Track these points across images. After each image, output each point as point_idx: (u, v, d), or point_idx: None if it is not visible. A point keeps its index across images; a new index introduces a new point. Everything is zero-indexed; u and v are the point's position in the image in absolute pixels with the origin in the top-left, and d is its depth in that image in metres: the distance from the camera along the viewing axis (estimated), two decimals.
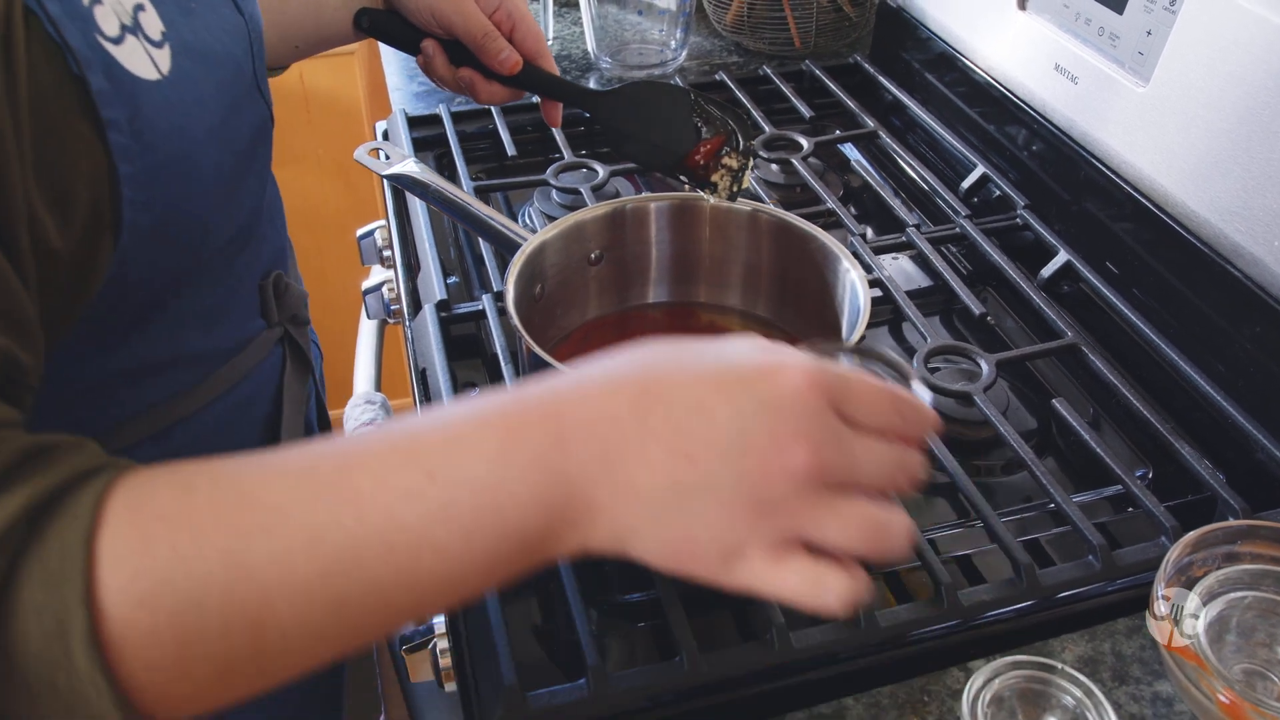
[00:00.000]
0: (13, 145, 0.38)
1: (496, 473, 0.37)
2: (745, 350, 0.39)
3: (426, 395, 0.79)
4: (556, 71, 0.76)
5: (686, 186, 0.72)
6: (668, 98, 0.71)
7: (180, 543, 0.35)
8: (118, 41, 0.43)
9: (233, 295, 0.61)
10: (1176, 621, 0.56)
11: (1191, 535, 0.59)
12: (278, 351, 0.67)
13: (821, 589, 0.38)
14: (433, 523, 0.36)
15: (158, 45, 0.46)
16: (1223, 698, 0.52)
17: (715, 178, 0.70)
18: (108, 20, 0.43)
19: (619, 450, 0.37)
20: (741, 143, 0.69)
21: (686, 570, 0.39)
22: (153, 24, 0.46)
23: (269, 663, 0.37)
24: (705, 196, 0.70)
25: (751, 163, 0.70)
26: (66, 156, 0.41)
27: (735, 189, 0.70)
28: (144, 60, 0.45)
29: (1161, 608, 0.56)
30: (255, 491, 0.36)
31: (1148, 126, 0.80)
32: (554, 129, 1.04)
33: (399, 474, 0.36)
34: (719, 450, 0.37)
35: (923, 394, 0.44)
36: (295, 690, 0.79)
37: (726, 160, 0.69)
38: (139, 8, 0.45)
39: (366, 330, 1.07)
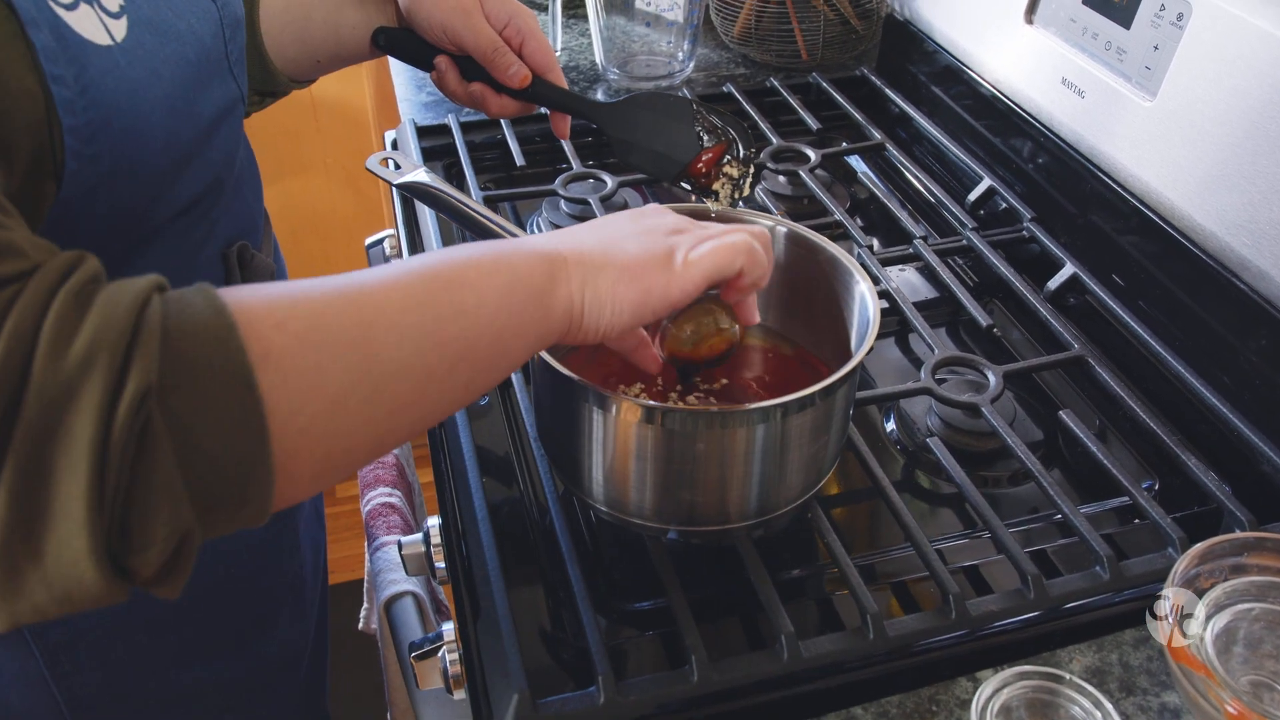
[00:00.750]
0: None
1: (518, 261, 0.51)
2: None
3: None
4: (565, 85, 0.77)
5: (697, 196, 0.72)
6: (671, 108, 0.73)
7: (296, 294, 0.43)
8: (71, 8, 0.48)
9: (192, 261, 0.63)
10: (1179, 622, 0.56)
11: (1198, 547, 0.59)
12: None
13: (727, 251, 0.56)
14: (483, 292, 0.49)
15: (115, 16, 0.51)
16: (1230, 708, 0.52)
17: (717, 186, 0.71)
18: None
19: (572, 238, 0.55)
20: (742, 151, 0.70)
21: (641, 294, 0.54)
22: None
23: (372, 394, 0.44)
24: (709, 205, 0.71)
25: (752, 170, 0.71)
26: (10, 105, 0.45)
27: (737, 196, 0.71)
28: (96, 26, 0.49)
29: (1163, 606, 0.56)
30: (352, 276, 0.46)
31: (1154, 140, 0.81)
32: (563, 140, 1.05)
33: (478, 260, 0.50)
34: (624, 224, 0.58)
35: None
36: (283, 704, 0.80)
37: (728, 169, 0.70)
38: None
39: None
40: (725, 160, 0.70)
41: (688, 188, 0.72)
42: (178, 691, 0.73)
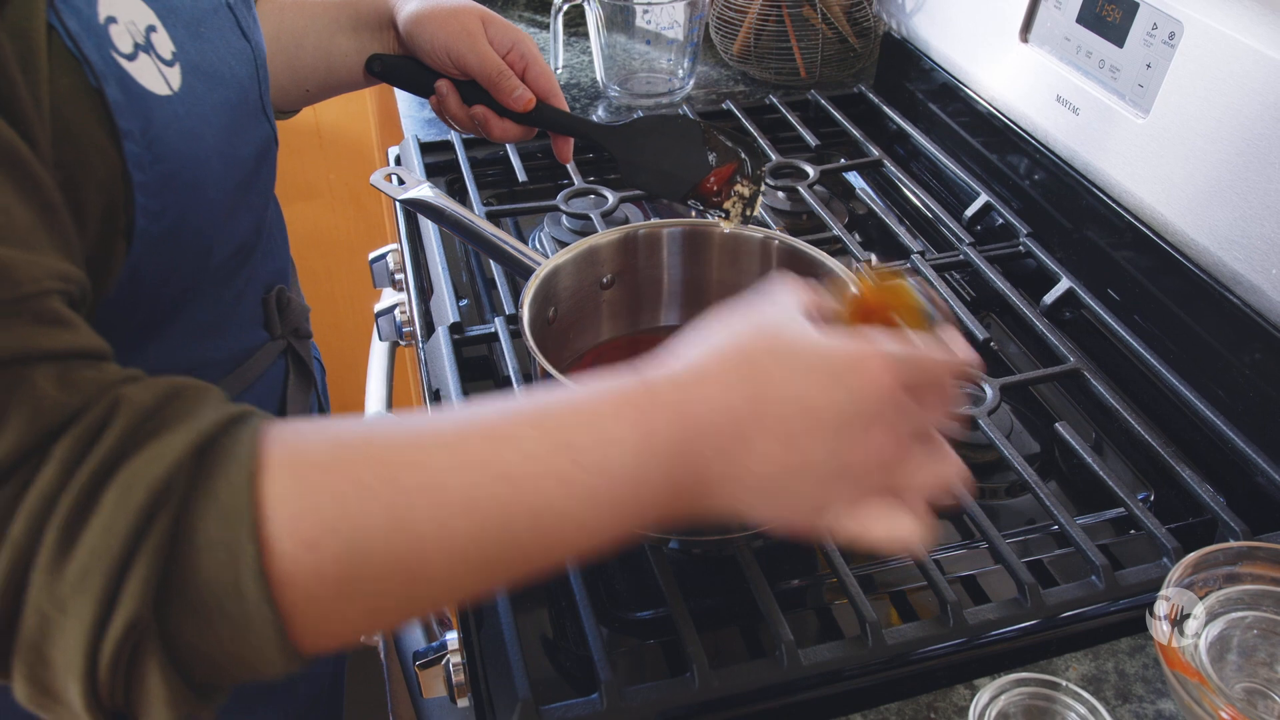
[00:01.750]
0: (47, 150, 0.41)
1: (636, 463, 0.41)
2: (834, 343, 0.44)
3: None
4: (567, 109, 0.78)
5: (705, 214, 0.73)
6: (678, 129, 0.73)
7: (344, 493, 0.38)
8: (131, 58, 0.46)
9: (236, 307, 0.63)
10: (1177, 624, 0.57)
11: (1193, 556, 0.60)
12: (281, 363, 0.69)
13: (897, 528, 0.45)
14: (575, 503, 0.41)
15: (169, 64, 0.49)
16: (1224, 715, 0.53)
17: (728, 204, 0.72)
18: (122, 38, 0.46)
19: (736, 443, 0.42)
20: (752, 170, 0.71)
21: (782, 524, 0.46)
22: (164, 44, 0.49)
23: (415, 605, 0.42)
24: (720, 223, 0.72)
25: (762, 189, 0.72)
26: (82, 162, 0.44)
27: (748, 214, 0.72)
28: (156, 76, 0.48)
29: (1162, 608, 0.57)
30: (413, 455, 0.40)
31: (1148, 157, 0.82)
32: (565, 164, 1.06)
33: (548, 456, 0.41)
34: (819, 440, 0.43)
35: (955, 340, 0.48)
36: (297, 703, 0.80)
37: (739, 188, 0.71)
38: (151, 28, 0.49)
39: (378, 352, 1.08)
40: (735, 179, 0.71)
41: (698, 207, 0.73)
42: None
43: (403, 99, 1.26)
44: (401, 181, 0.80)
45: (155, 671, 0.36)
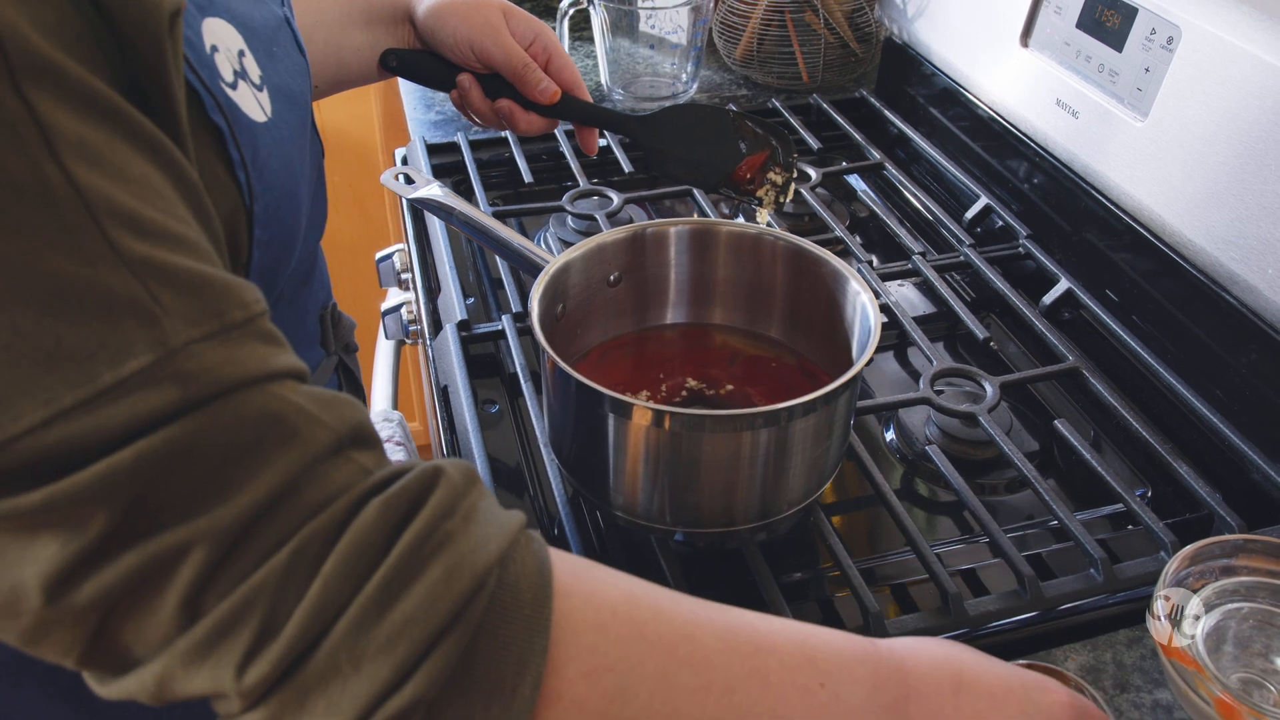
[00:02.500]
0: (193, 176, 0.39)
1: (866, 702, 0.45)
2: (1029, 674, 0.49)
3: (448, 411, 0.81)
4: (590, 100, 0.78)
5: (741, 201, 0.74)
6: (708, 118, 0.74)
7: (629, 643, 0.40)
8: (233, 86, 0.45)
9: (299, 327, 0.63)
10: (1176, 623, 0.58)
11: (1189, 548, 0.61)
12: (334, 379, 0.69)
13: None
14: (807, 714, 0.43)
15: (259, 89, 0.48)
16: (1222, 700, 0.54)
17: (761, 192, 0.73)
18: (224, 67, 0.45)
19: (938, 717, 0.46)
20: (783, 157, 0.72)
21: None
22: (253, 69, 0.48)
23: None
24: (757, 211, 0.73)
25: (795, 174, 0.72)
26: (210, 194, 0.42)
27: (782, 200, 0.73)
28: (253, 103, 0.47)
29: (1161, 607, 0.58)
30: (693, 631, 0.42)
31: (1146, 160, 0.83)
32: (569, 156, 1.08)
33: (801, 671, 0.44)
34: None
35: None
36: None
37: (772, 175, 0.72)
38: (242, 53, 0.47)
39: (384, 350, 1.10)
40: (768, 166, 0.72)
41: (731, 194, 0.74)
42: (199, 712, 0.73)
43: (408, 101, 1.27)
44: (410, 180, 0.81)
45: None
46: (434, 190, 0.79)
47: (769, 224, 0.74)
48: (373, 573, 0.35)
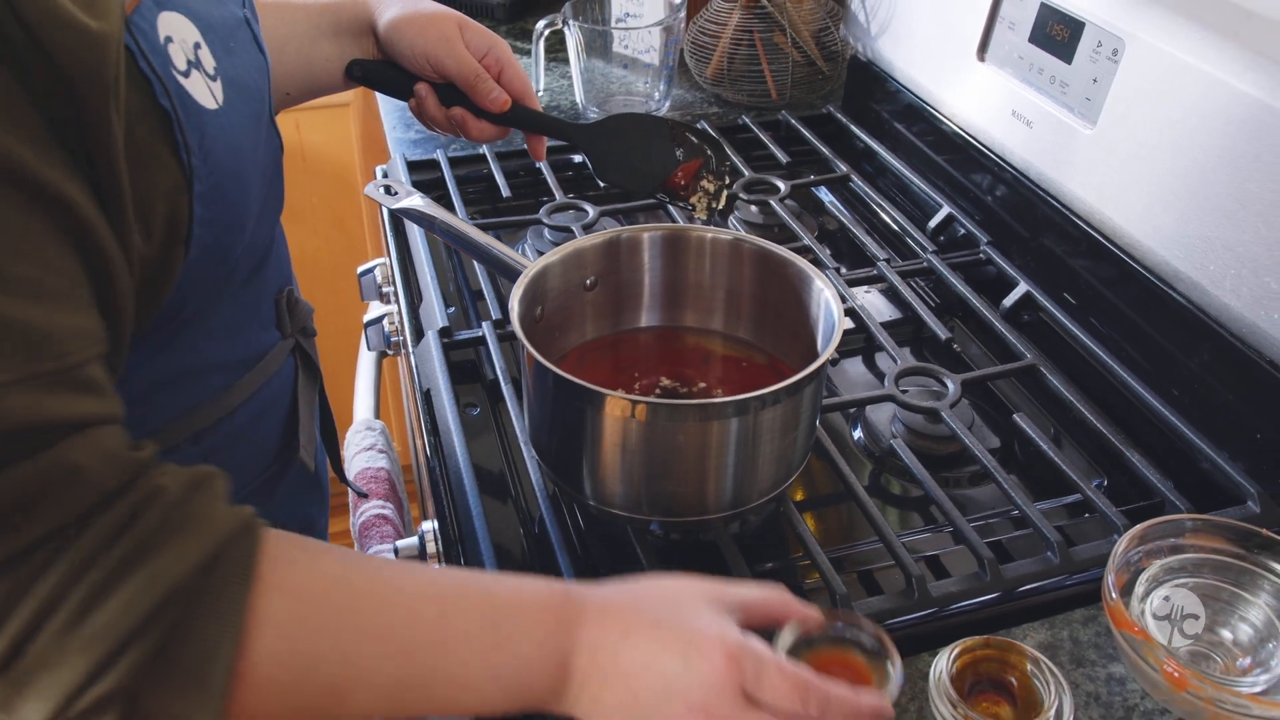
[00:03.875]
0: (121, 163, 0.44)
1: (535, 656, 0.50)
2: (704, 624, 0.51)
3: (431, 415, 0.84)
4: (541, 109, 0.82)
5: (676, 207, 0.77)
6: (646, 126, 0.78)
7: (318, 629, 0.46)
8: (186, 75, 0.50)
9: (255, 309, 0.67)
10: (1127, 606, 0.61)
11: (1138, 528, 0.65)
12: (291, 361, 0.72)
13: None
14: (484, 677, 0.49)
15: (213, 79, 0.53)
16: (1169, 668, 0.57)
17: (694, 199, 0.76)
18: (178, 56, 0.49)
19: (600, 675, 0.50)
20: (716, 165, 0.75)
21: None
22: (208, 60, 0.53)
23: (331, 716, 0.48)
24: (694, 215, 0.77)
25: (727, 182, 0.76)
26: (149, 175, 0.47)
27: (714, 207, 0.76)
28: (205, 92, 0.51)
29: (1113, 593, 0.61)
30: (381, 606, 0.48)
31: (1096, 166, 0.87)
32: (546, 171, 1.11)
33: (480, 636, 0.49)
34: (653, 697, 0.49)
35: (895, 676, 0.53)
36: None
37: (704, 183, 0.75)
38: (198, 45, 0.52)
39: (366, 362, 1.12)
40: (701, 174, 0.76)
41: (666, 199, 0.77)
42: None
43: (388, 120, 1.30)
44: (394, 192, 0.83)
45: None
46: (415, 200, 0.82)
47: (706, 222, 0.77)
48: (80, 583, 0.41)
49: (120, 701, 0.41)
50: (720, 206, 0.76)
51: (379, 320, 1.10)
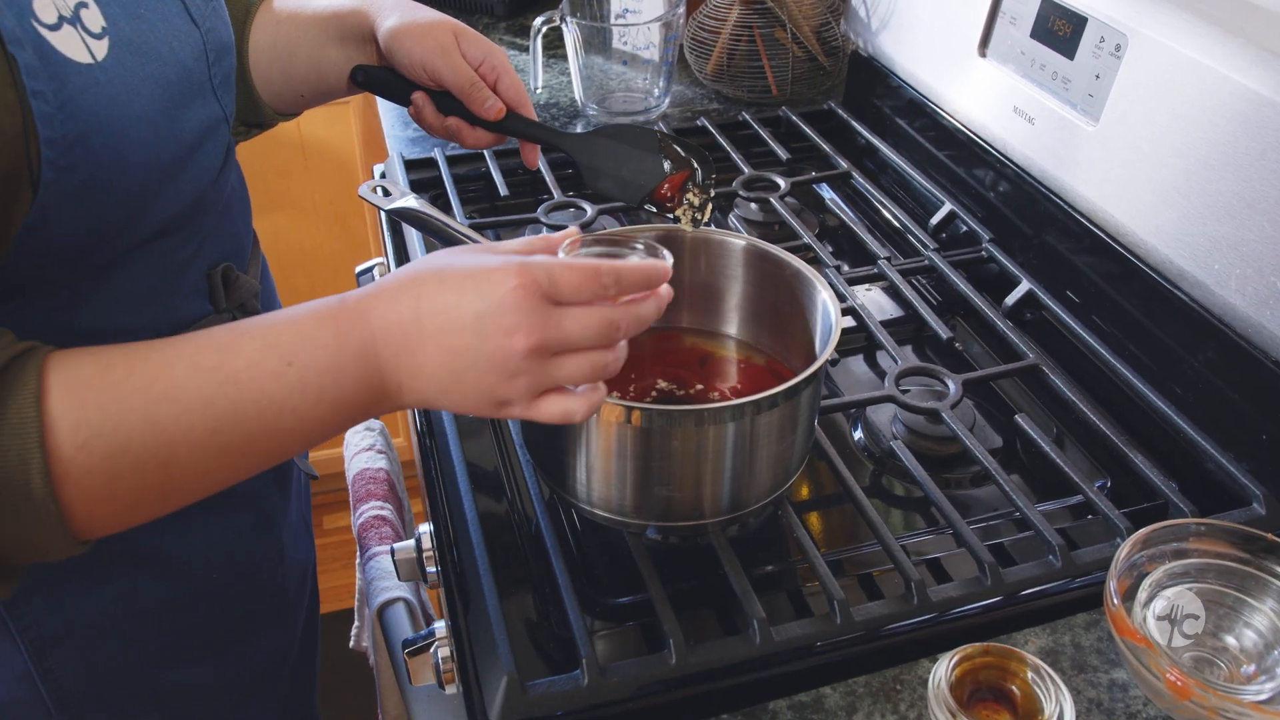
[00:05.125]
0: None
1: (334, 362, 0.52)
2: (477, 260, 0.54)
3: (428, 418, 0.83)
4: (535, 118, 0.82)
5: (663, 218, 0.78)
6: (637, 138, 0.78)
7: (107, 406, 0.49)
8: (54, 28, 0.52)
9: (178, 279, 0.67)
10: (1129, 611, 0.61)
11: (1141, 532, 0.64)
12: None
13: (569, 413, 0.55)
14: (289, 394, 0.52)
15: (96, 37, 0.54)
16: (1171, 677, 0.57)
17: (679, 211, 0.76)
18: (46, 10, 0.51)
19: (409, 347, 0.53)
20: (702, 179, 0.75)
21: (472, 412, 0.55)
22: (94, 19, 0.55)
23: (172, 494, 0.52)
24: (680, 228, 0.76)
25: (712, 195, 0.76)
26: None
27: (698, 219, 0.76)
28: (78, 46, 0.53)
29: (1115, 599, 0.61)
30: (161, 369, 0.51)
31: (1098, 163, 0.86)
32: (544, 170, 1.10)
33: (265, 360, 0.52)
34: (469, 342, 0.52)
35: (649, 259, 0.59)
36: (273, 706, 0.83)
37: (689, 196, 0.76)
38: (81, 5, 0.54)
39: None
40: (687, 187, 0.76)
41: (653, 210, 0.77)
42: (160, 693, 0.75)
43: (386, 118, 1.30)
44: (388, 193, 0.83)
45: None
46: (410, 202, 0.81)
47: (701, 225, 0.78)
48: None
49: None
50: (705, 219, 0.77)
51: None
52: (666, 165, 0.76)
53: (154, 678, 0.75)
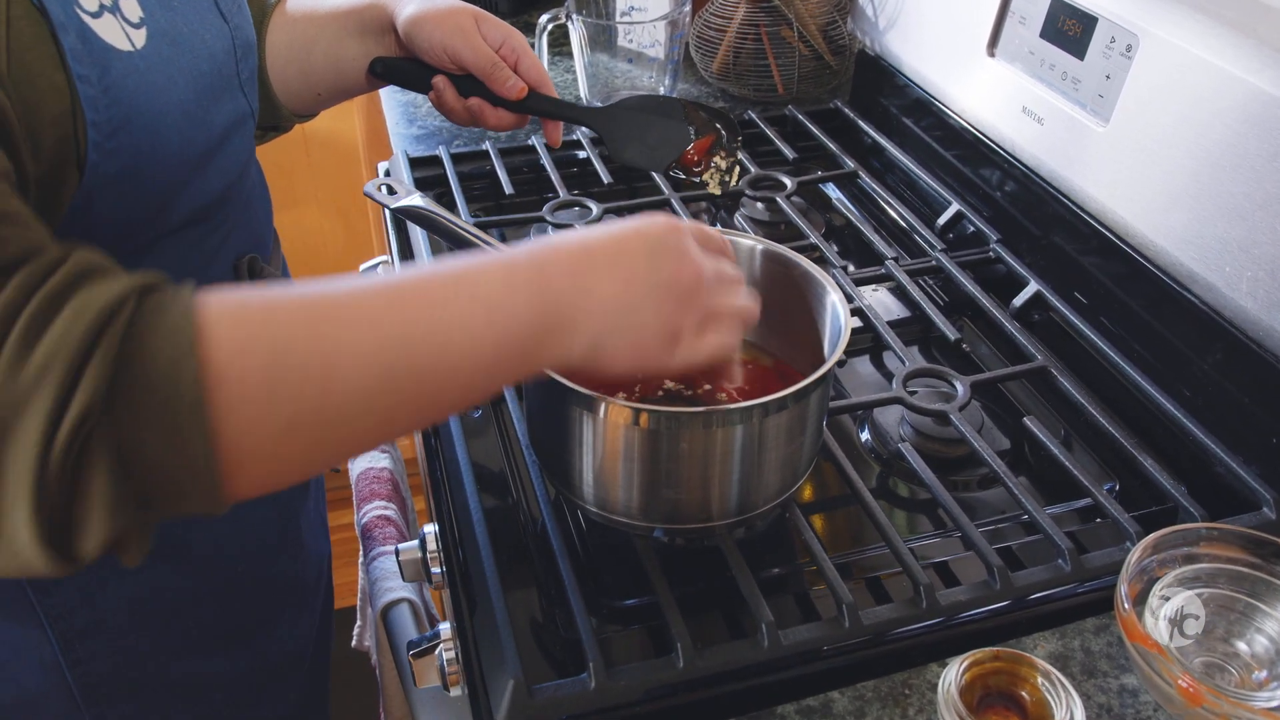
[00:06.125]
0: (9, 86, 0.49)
1: (504, 287, 0.50)
2: (631, 220, 0.56)
3: None
4: (557, 96, 0.83)
5: (690, 181, 0.79)
6: (660, 106, 0.79)
7: (272, 314, 0.45)
8: (96, 15, 0.53)
9: (206, 269, 0.68)
10: (1140, 609, 0.60)
11: (1152, 537, 0.63)
12: None
13: (727, 345, 0.58)
14: (460, 315, 0.48)
15: (135, 26, 0.56)
16: (1183, 683, 0.56)
17: (706, 175, 0.77)
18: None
19: (581, 271, 0.52)
20: (727, 142, 0.76)
21: (643, 362, 0.55)
22: (132, 9, 0.56)
23: (328, 423, 0.46)
24: (709, 190, 0.77)
25: (739, 159, 0.77)
26: (39, 97, 0.51)
27: (727, 181, 0.76)
28: (118, 33, 0.55)
29: (1125, 603, 0.60)
30: (325, 286, 0.47)
31: (1108, 164, 0.86)
32: (549, 168, 1.10)
33: (433, 287, 0.49)
34: (643, 270, 0.54)
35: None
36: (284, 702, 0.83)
37: (717, 159, 0.76)
38: None
39: None
40: (714, 151, 0.76)
41: (681, 176, 0.78)
42: (183, 683, 0.76)
43: (390, 116, 1.29)
44: (393, 191, 0.82)
45: (101, 471, 0.40)
46: (416, 200, 0.81)
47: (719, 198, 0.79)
48: (10, 331, 0.40)
49: (104, 435, 0.40)
50: (734, 182, 0.78)
51: None
52: (692, 131, 0.77)
53: (177, 669, 0.75)
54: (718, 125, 0.77)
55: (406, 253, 1.04)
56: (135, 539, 0.43)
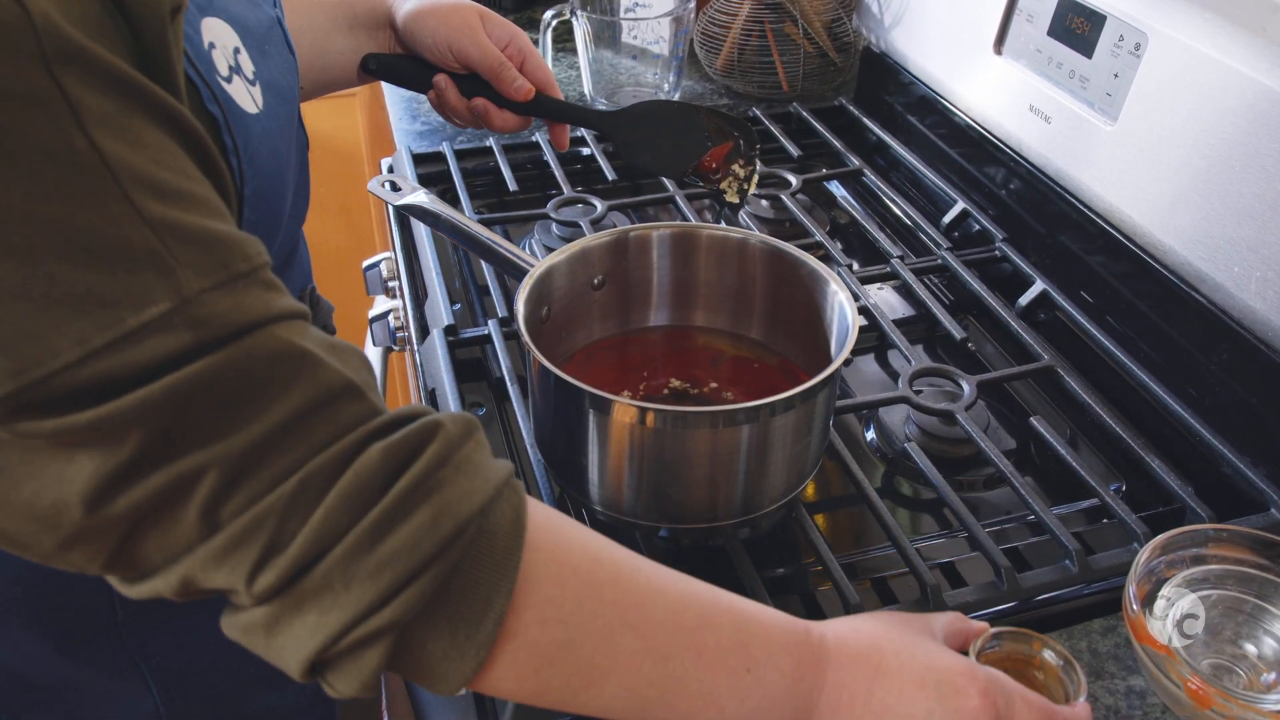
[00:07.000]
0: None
1: (782, 692, 0.49)
2: (949, 661, 0.52)
3: None
4: (563, 98, 0.81)
5: (708, 189, 0.77)
6: (676, 111, 0.78)
7: (585, 601, 0.45)
8: (228, 80, 0.50)
9: None
10: (1148, 610, 0.60)
11: (1160, 538, 0.63)
12: None
13: None
14: (730, 696, 0.48)
15: (252, 83, 0.53)
16: (1192, 685, 0.56)
17: (724, 184, 0.75)
18: (220, 62, 0.49)
19: (848, 710, 0.50)
20: (746, 150, 0.75)
21: None
22: (247, 65, 0.53)
23: (571, 704, 0.47)
24: (725, 199, 0.76)
25: (757, 167, 0.76)
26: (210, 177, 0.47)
27: (745, 189, 0.75)
28: (246, 96, 0.51)
29: (1134, 605, 0.60)
30: (639, 601, 0.47)
31: (1116, 163, 0.85)
32: (554, 165, 1.09)
33: (733, 656, 0.48)
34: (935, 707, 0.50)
35: (1082, 679, 0.56)
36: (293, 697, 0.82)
37: (735, 168, 0.75)
38: (237, 50, 0.51)
39: (371, 357, 1.10)
40: (732, 158, 0.75)
41: (698, 182, 0.77)
42: (248, 715, 0.75)
43: (394, 112, 1.29)
44: (397, 188, 0.82)
45: (376, 657, 0.41)
46: (420, 197, 0.81)
47: (737, 205, 0.77)
48: (369, 509, 0.40)
49: (392, 635, 0.41)
50: (751, 190, 0.77)
51: (384, 316, 1.08)
52: (708, 138, 0.76)
53: (247, 701, 0.74)
54: (735, 133, 0.76)
55: (410, 249, 1.03)
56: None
